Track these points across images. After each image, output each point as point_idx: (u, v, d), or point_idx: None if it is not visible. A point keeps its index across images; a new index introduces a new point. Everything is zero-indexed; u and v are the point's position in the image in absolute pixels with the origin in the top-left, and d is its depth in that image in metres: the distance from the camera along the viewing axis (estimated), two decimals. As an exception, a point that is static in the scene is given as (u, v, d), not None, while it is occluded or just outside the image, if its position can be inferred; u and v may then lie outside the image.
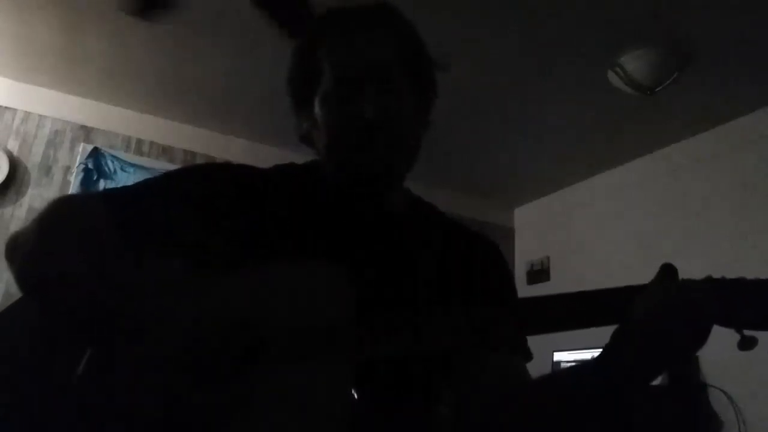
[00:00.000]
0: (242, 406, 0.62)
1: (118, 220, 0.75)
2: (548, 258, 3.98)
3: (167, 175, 0.85)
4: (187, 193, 0.80)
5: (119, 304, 0.66)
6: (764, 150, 2.86)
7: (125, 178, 3.23)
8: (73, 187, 3.14)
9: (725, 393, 2.65)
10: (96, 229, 0.74)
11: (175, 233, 0.76)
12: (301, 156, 0.92)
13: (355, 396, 0.61)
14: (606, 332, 0.66)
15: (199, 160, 3.45)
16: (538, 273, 4.01)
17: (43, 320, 0.71)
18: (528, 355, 0.83)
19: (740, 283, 0.59)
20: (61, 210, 0.77)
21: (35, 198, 3.09)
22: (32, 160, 3.17)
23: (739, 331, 0.58)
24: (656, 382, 0.68)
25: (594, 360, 0.66)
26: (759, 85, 2.70)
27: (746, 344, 0.58)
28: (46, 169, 3.19)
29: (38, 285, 0.70)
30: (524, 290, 3.48)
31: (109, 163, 3.27)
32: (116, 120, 3.38)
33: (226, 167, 0.86)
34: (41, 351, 0.70)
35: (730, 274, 0.61)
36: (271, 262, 0.71)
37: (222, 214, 0.77)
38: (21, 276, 0.71)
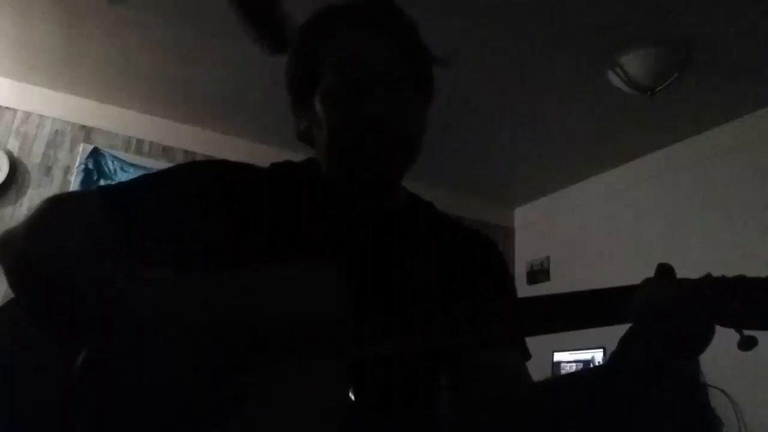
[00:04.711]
0: (239, 406, 0.62)
1: (113, 217, 0.75)
2: (548, 258, 3.98)
3: (163, 173, 0.85)
4: (183, 191, 0.80)
5: (113, 304, 0.65)
6: (765, 150, 2.86)
7: (125, 178, 3.21)
8: (73, 187, 3.14)
9: (725, 393, 2.65)
10: (90, 227, 0.73)
11: (170, 231, 0.76)
12: (301, 156, 0.92)
13: (352, 397, 0.61)
14: (605, 332, 0.66)
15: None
16: (538, 273, 4.01)
17: (34, 320, 0.70)
18: (526, 355, 0.83)
19: (740, 281, 0.59)
20: (53, 208, 0.76)
21: (35, 198, 3.09)
22: (32, 160, 3.17)
23: (738, 330, 0.58)
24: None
25: (602, 366, 0.66)
26: (759, 85, 2.70)
27: (746, 344, 0.57)
28: (46, 169, 3.19)
29: (29, 285, 0.70)
30: (524, 290, 3.47)
31: (109, 163, 3.27)
32: (116, 120, 3.38)
33: (222, 164, 0.86)
34: (35, 348, 0.70)
35: (732, 274, 0.61)
36: (268, 260, 0.71)
37: (219, 212, 0.77)
38: (11, 275, 0.71)
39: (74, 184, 3.15)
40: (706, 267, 0.64)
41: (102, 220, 0.74)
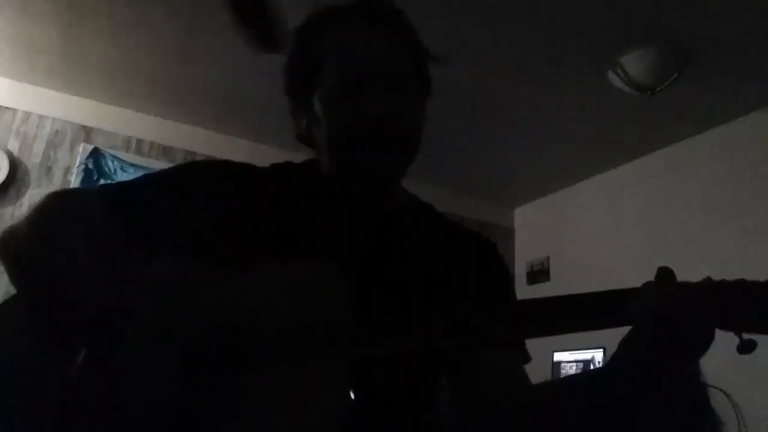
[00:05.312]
0: (238, 406, 0.62)
1: (113, 217, 0.74)
2: (548, 258, 3.98)
3: (164, 172, 0.85)
4: (182, 191, 0.80)
5: (112, 303, 0.65)
6: (764, 150, 2.86)
7: (125, 178, 3.22)
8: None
9: (725, 393, 2.65)
10: (90, 225, 0.73)
11: (171, 230, 0.76)
12: (301, 156, 0.92)
13: (352, 396, 0.61)
14: (606, 332, 0.66)
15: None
16: (538, 273, 4.01)
17: (34, 319, 0.70)
18: (526, 357, 0.83)
19: (739, 285, 0.59)
20: (54, 206, 0.76)
21: (35, 198, 3.07)
22: (32, 160, 3.17)
23: (738, 334, 0.58)
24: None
25: (602, 367, 0.66)
26: (759, 85, 2.70)
27: (745, 347, 0.57)
28: (46, 169, 3.19)
29: (30, 283, 0.70)
30: (524, 290, 3.48)
31: (109, 163, 3.27)
32: (116, 120, 3.38)
33: (223, 164, 0.86)
34: (35, 348, 0.70)
35: (731, 275, 0.60)
36: (268, 260, 0.71)
37: (220, 212, 0.77)
38: (13, 273, 0.71)
39: (74, 184, 3.15)
40: (706, 267, 0.64)
41: (103, 218, 0.74)
